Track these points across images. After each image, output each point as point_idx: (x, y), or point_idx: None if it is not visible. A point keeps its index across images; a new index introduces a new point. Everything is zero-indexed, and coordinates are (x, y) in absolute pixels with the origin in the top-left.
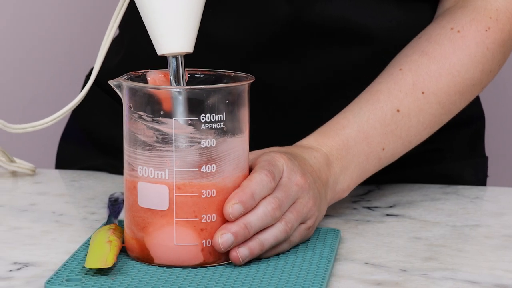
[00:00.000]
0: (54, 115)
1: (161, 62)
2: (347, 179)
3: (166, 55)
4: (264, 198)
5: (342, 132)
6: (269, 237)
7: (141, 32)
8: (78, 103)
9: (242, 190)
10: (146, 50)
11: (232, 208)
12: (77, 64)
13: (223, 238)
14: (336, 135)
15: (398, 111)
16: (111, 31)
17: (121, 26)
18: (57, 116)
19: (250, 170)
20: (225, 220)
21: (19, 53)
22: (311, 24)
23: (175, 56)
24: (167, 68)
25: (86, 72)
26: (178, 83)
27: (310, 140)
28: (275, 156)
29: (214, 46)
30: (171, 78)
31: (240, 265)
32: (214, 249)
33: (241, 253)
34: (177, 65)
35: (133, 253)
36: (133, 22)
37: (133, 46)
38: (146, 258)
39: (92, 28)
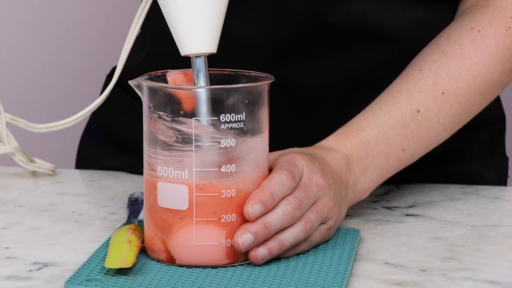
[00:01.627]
0: (77, 114)
1: (183, 62)
2: (367, 180)
3: (189, 56)
4: (284, 198)
5: (362, 133)
6: (288, 237)
7: (163, 32)
8: (102, 102)
9: (262, 190)
10: (168, 49)
11: (252, 208)
12: (98, 64)
13: (243, 238)
14: (356, 136)
15: (418, 111)
16: (134, 31)
17: (143, 25)
18: (80, 116)
19: (270, 170)
20: (244, 220)
21: (40, 53)
22: (333, 24)
23: (199, 57)
24: (189, 68)
25: (107, 72)
26: (202, 83)
27: (330, 141)
28: (295, 156)
29: (235, 46)
30: (194, 78)
31: (260, 265)
32: (234, 249)
33: (260, 252)
34: (201, 66)
35: (153, 253)
36: (155, 21)
37: (155, 45)
38: (165, 258)
39: (113, 28)
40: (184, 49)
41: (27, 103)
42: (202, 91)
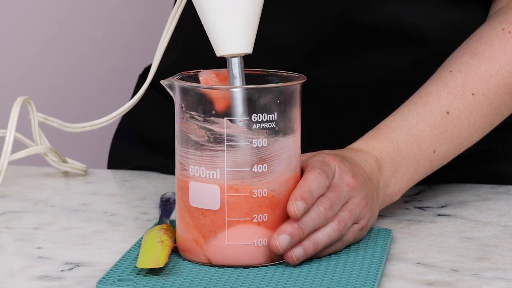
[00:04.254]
0: (112, 114)
1: (216, 62)
2: (398, 182)
3: (225, 57)
4: (317, 198)
5: (392, 135)
6: (322, 237)
7: (197, 32)
8: (136, 102)
9: (300, 188)
10: (201, 49)
11: (296, 205)
12: (130, 64)
13: (280, 239)
14: (386, 138)
15: (448, 113)
16: (168, 31)
17: (176, 25)
18: (115, 115)
19: (302, 171)
20: (277, 220)
21: (72, 53)
22: (365, 24)
23: (235, 57)
24: (221, 68)
25: (139, 72)
26: (238, 84)
27: (360, 144)
28: (327, 157)
29: (267, 47)
30: (230, 79)
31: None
32: (266, 249)
33: (296, 253)
34: (237, 66)
35: (185, 253)
36: (188, 21)
37: (188, 45)
38: (197, 258)
39: (145, 27)
40: (220, 50)
41: (58, 103)
42: (235, 91)
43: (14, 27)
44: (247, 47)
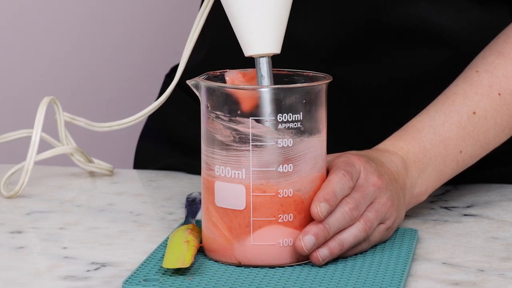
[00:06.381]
0: (139, 113)
1: (242, 61)
2: (424, 182)
3: (254, 56)
4: (342, 198)
5: (418, 135)
6: (348, 237)
7: (223, 31)
8: (163, 102)
9: (324, 190)
10: (227, 49)
11: (319, 207)
12: (156, 63)
13: (305, 240)
14: (412, 138)
15: (474, 113)
16: (195, 31)
17: (204, 24)
18: (142, 115)
19: (328, 172)
20: (302, 220)
21: (98, 53)
22: (391, 25)
23: (263, 57)
24: (247, 67)
25: (165, 71)
26: (266, 84)
27: (386, 144)
28: (352, 157)
29: (294, 47)
30: (258, 79)
31: (320, 266)
32: (291, 249)
33: (321, 253)
34: (266, 66)
35: (210, 253)
36: (215, 21)
37: (214, 45)
38: (224, 258)
39: (171, 27)
40: (249, 50)
41: (83, 103)
42: (263, 91)
43: (40, 28)
44: (276, 47)
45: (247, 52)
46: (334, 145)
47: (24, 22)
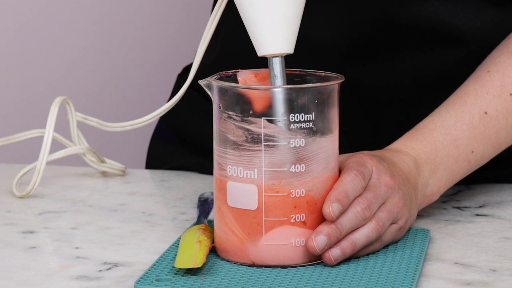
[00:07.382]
0: (152, 113)
1: (254, 62)
2: (436, 182)
3: (267, 56)
4: (354, 198)
5: (430, 135)
6: (360, 237)
7: (236, 31)
8: (177, 102)
9: (336, 190)
10: (239, 49)
11: (331, 207)
12: (168, 63)
13: (317, 240)
14: (424, 138)
15: (485, 113)
16: (209, 31)
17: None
18: (155, 115)
19: (340, 172)
20: (314, 220)
21: (111, 53)
22: (404, 24)
23: (276, 57)
24: (259, 68)
25: (178, 71)
26: (279, 84)
27: (398, 144)
28: (364, 157)
29: (306, 47)
30: (271, 79)
31: (332, 266)
32: (303, 249)
33: (333, 253)
34: (279, 66)
35: (223, 253)
36: (228, 21)
37: (227, 45)
38: (235, 258)
39: (184, 27)
40: (262, 50)
41: (95, 103)
42: (276, 91)
43: (53, 28)
44: (289, 47)
45: (260, 52)
46: (346, 145)
47: (37, 23)
